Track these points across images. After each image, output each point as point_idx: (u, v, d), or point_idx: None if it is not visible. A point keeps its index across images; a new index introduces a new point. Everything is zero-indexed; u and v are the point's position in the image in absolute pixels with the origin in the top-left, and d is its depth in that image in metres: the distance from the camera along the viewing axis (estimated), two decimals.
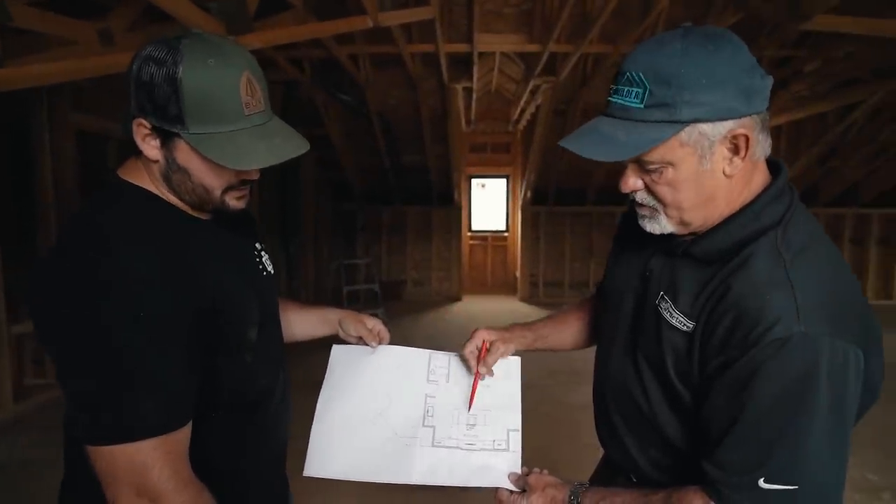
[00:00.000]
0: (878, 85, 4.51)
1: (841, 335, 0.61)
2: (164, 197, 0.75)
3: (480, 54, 4.50)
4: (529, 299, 6.96)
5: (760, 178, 0.72)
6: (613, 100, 0.69)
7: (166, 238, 0.72)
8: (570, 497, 0.82)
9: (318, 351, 1.11)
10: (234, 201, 0.77)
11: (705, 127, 0.65)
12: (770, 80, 0.66)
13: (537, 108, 5.66)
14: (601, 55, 4.52)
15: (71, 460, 0.77)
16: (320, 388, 1.02)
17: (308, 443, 0.97)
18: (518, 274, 7.23)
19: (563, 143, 0.73)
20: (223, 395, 0.76)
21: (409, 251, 7.07)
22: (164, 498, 0.66)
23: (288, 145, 0.73)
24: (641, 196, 0.74)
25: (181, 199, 0.76)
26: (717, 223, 0.72)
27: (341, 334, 1.09)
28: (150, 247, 0.69)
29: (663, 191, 0.70)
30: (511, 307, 6.73)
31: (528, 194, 6.70)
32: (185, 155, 0.71)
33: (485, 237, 7.97)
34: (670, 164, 0.68)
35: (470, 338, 0.98)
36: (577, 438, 2.99)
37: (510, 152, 7.84)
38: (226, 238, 0.82)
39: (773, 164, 0.74)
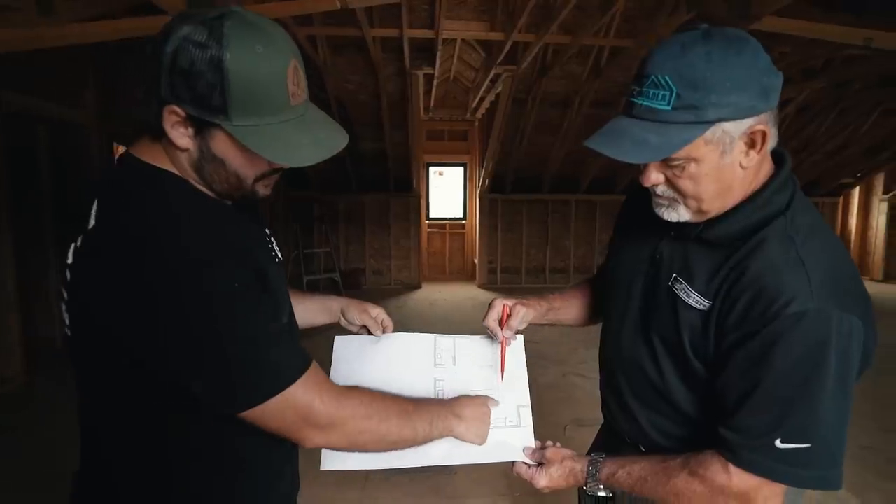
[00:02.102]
0: (805, 84, 4.90)
1: (846, 309, 0.68)
2: (193, 183, 0.73)
3: (443, 41, 4.48)
4: (488, 285, 7.09)
5: (767, 166, 0.78)
6: (639, 102, 0.72)
7: (218, 224, 0.70)
8: (588, 468, 0.87)
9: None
10: (263, 189, 0.75)
11: (729, 125, 0.69)
12: (781, 77, 0.72)
13: (497, 96, 5.72)
14: (560, 46, 4.62)
15: (89, 451, 0.74)
16: None
17: None
18: (476, 261, 7.34)
19: (591, 145, 0.75)
20: None
21: (368, 240, 6.99)
22: (337, 416, 0.72)
23: (331, 137, 0.72)
24: (662, 189, 0.78)
25: (210, 188, 0.73)
26: (729, 209, 0.77)
27: (343, 323, 1.08)
28: (216, 231, 0.69)
29: (685, 184, 0.75)
30: (471, 293, 6.83)
31: (487, 182, 6.78)
32: (222, 146, 0.68)
33: (443, 225, 8.01)
34: (694, 160, 0.72)
35: (489, 308, 1.00)
36: (547, 416, 3.12)
37: (468, 140, 7.89)
38: (249, 224, 0.80)
39: (775, 153, 0.81)
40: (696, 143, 0.70)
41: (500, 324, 0.99)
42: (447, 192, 8.09)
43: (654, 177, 0.77)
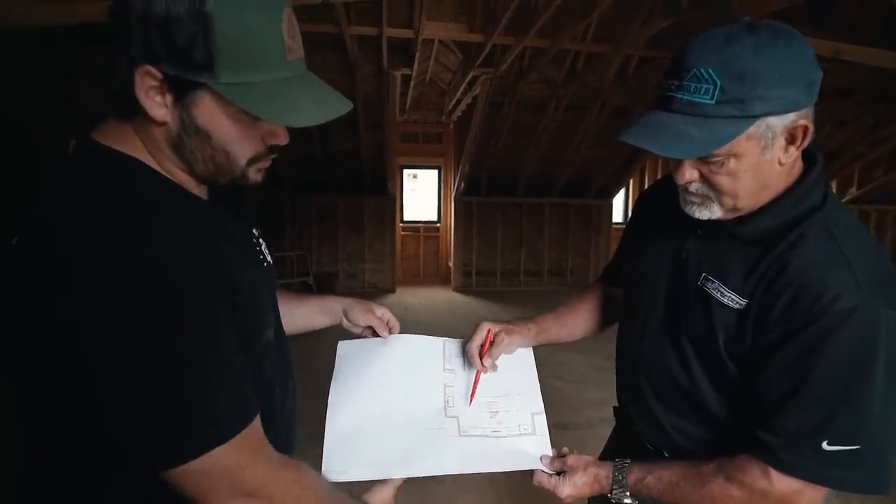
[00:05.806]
0: None
1: (892, 305, 0.66)
2: (163, 171, 0.62)
3: (422, 41, 4.44)
4: (463, 289, 7.06)
5: (799, 163, 0.77)
6: (679, 96, 0.69)
7: (186, 223, 0.59)
8: (615, 474, 0.83)
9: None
10: (255, 174, 0.65)
11: (773, 120, 0.67)
12: (821, 72, 0.70)
13: (473, 99, 5.71)
14: (538, 50, 4.65)
15: (34, 494, 0.63)
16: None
17: (322, 447, 0.89)
18: (451, 264, 7.30)
19: (628, 140, 0.71)
20: None
21: (341, 242, 6.85)
22: (269, 488, 0.61)
23: (334, 100, 0.62)
24: (696, 186, 0.75)
25: (192, 171, 0.62)
26: (764, 205, 0.75)
27: (345, 324, 1.02)
28: (176, 234, 0.57)
29: (722, 181, 0.72)
30: (446, 297, 6.78)
31: (461, 185, 6.76)
32: (208, 113, 0.58)
33: (417, 228, 7.94)
34: (734, 155, 0.70)
35: (475, 331, 0.96)
36: None
37: (442, 143, 7.85)
38: (232, 223, 0.69)
39: (803, 151, 0.79)
40: (739, 138, 0.68)
41: (483, 349, 0.94)
42: (421, 194, 8.03)
43: (689, 174, 0.74)
